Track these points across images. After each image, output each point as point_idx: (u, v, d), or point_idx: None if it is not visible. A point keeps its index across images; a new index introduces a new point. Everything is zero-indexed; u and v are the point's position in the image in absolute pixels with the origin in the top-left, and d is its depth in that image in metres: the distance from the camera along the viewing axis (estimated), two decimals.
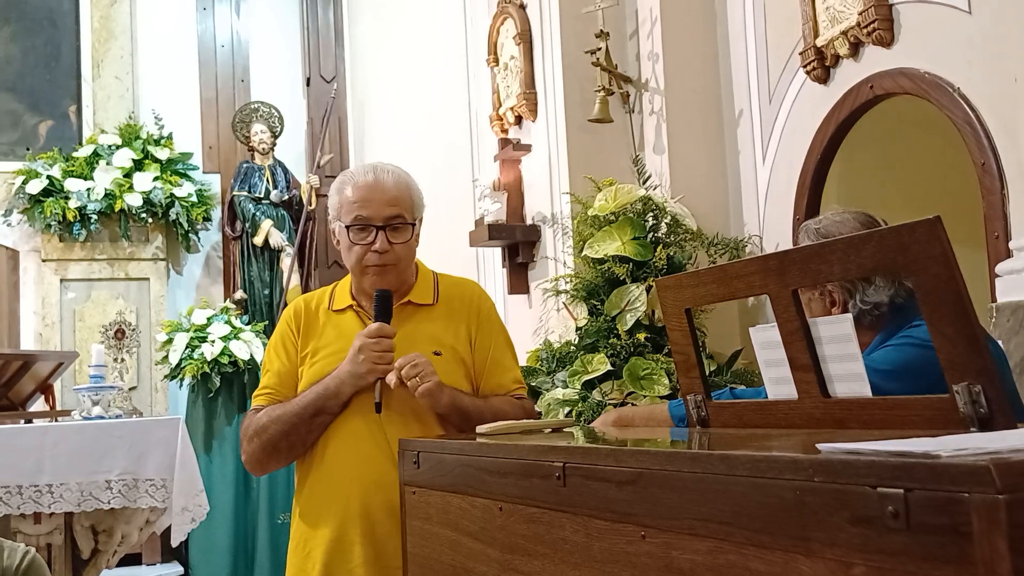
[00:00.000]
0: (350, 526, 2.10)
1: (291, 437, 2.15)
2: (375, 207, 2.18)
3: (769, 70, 3.69)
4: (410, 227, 2.21)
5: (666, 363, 3.37)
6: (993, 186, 2.75)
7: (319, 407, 2.13)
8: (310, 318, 2.27)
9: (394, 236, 2.18)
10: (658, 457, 1.21)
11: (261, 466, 2.24)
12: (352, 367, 2.11)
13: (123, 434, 3.68)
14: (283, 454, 2.20)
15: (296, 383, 2.22)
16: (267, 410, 2.19)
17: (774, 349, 1.55)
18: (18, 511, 3.48)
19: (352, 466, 2.12)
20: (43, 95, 6.93)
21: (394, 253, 2.18)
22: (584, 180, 3.88)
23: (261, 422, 2.17)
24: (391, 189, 2.21)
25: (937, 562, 0.83)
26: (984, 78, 2.77)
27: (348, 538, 2.10)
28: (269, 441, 2.16)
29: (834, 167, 3.47)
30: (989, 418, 1.20)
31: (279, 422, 2.15)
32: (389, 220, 2.18)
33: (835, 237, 1.97)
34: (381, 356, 2.09)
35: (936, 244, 1.21)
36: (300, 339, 2.25)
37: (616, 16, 4.06)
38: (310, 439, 2.17)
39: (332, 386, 2.12)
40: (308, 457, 2.20)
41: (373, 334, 2.11)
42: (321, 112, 6.96)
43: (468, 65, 5.11)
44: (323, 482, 2.16)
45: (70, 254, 6.64)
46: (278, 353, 2.27)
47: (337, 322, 2.24)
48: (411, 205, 2.23)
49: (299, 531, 2.19)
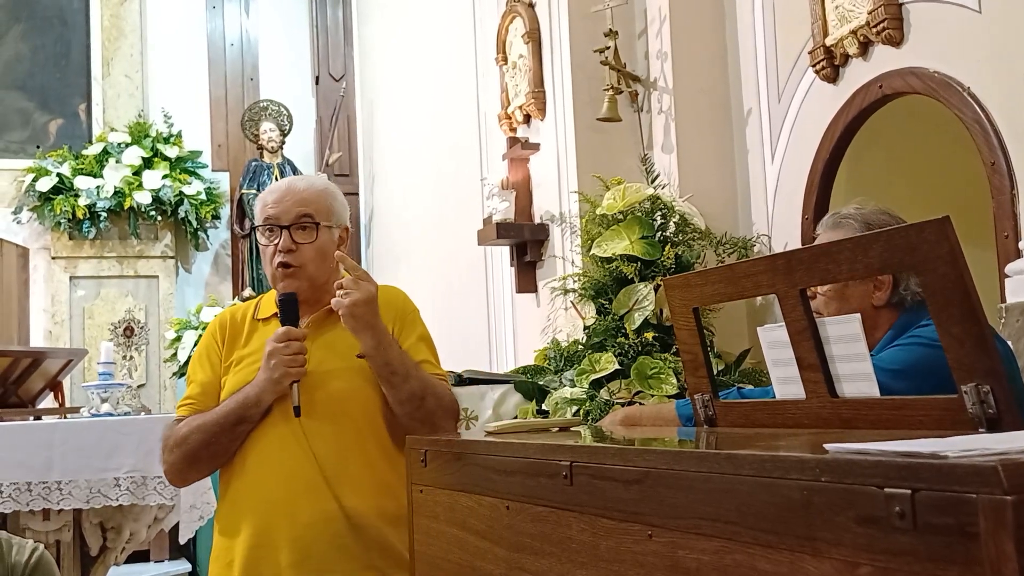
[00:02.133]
0: (276, 530, 2.07)
1: (212, 447, 2.13)
2: (282, 207, 2.19)
3: (778, 69, 3.68)
4: (316, 227, 2.19)
5: (674, 362, 3.36)
6: (1003, 186, 2.74)
7: (240, 415, 2.11)
8: (235, 329, 2.26)
9: (300, 236, 2.17)
10: (665, 456, 1.21)
11: (182, 476, 2.21)
12: (267, 373, 2.09)
13: (132, 431, 3.68)
14: (204, 464, 2.18)
15: (219, 394, 2.20)
16: (188, 420, 2.16)
17: (782, 349, 1.55)
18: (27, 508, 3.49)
19: (276, 471, 2.09)
20: (53, 93, 6.95)
21: (300, 253, 2.17)
22: (592, 179, 3.88)
23: (182, 432, 2.14)
24: (301, 192, 2.21)
25: (943, 563, 0.83)
26: (994, 77, 2.76)
27: (273, 542, 2.07)
28: (190, 451, 2.13)
29: (843, 167, 3.46)
30: (997, 419, 1.19)
31: (200, 431, 2.12)
32: (296, 219, 2.18)
33: (878, 227, 1.98)
34: (292, 359, 2.08)
35: (944, 244, 1.21)
36: (224, 349, 2.24)
37: (625, 15, 4.06)
38: (232, 447, 2.14)
39: (252, 394, 2.10)
40: (229, 466, 2.17)
41: (281, 338, 2.09)
42: (330, 110, 6.98)
43: (477, 64, 5.11)
44: (246, 488, 2.12)
45: (79, 252, 6.66)
46: (201, 364, 2.25)
47: (262, 331, 2.22)
48: (325, 209, 2.22)
49: (219, 541, 2.16)
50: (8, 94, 6.88)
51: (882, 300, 2.03)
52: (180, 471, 2.19)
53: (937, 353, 1.27)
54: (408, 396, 2.10)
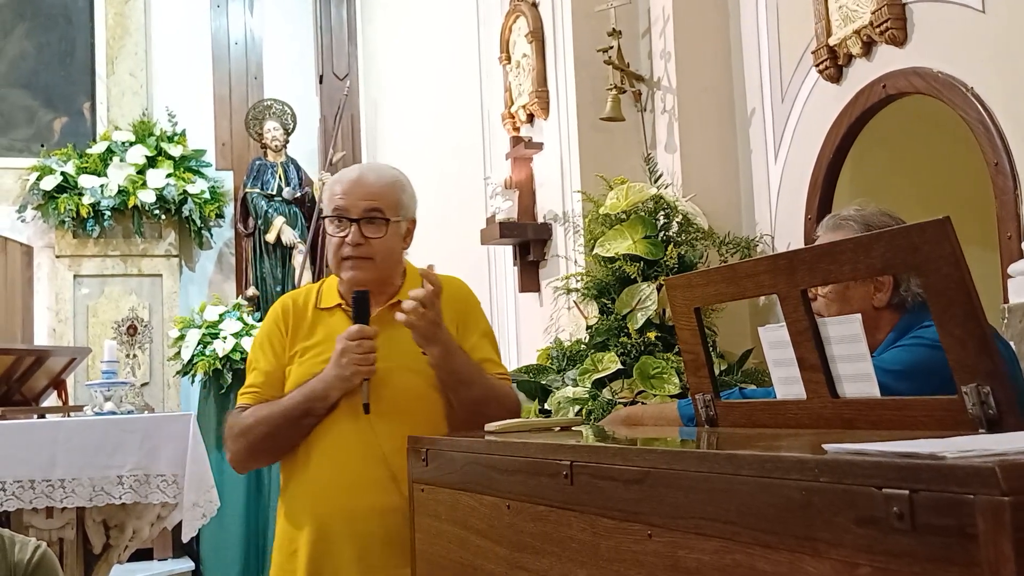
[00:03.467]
0: (339, 524, 2.09)
1: (277, 438, 2.15)
2: (352, 199, 2.19)
3: (782, 69, 3.68)
4: (386, 223, 2.19)
5: (676, 362, 3.36)
6: (1006, 186, 2.73)
7: (306, 409, 2.12)
8: (298, 316, 2.26)
9: (369, 230, 2.18)
10: (665, 456, 1.21)
11: (244, 465, 2.24)
12: (337, 370, 2.10)
13: (135, 430, 3.69)
14: (267, 454, 2.21)
15: (282, 382, 2.20)
16: (253, 410, 2.18)
17: (783, 349, 1.55)
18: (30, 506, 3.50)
19: (341, 467, 2.11)
20: (57, 92, 6.96)
21: (369, 247, 2.17)
22: (596, 178, 3.88)
23: (247, 422, 2.16)
24: (372, 185, 2.21)
25: (942, 563, 0.83)
26: (998, 78, 2.76)
27: (333, 537, 2.09)
28: (255, 441, 2.15)
29: (846, 166, 3.46)
30: (998, 420, 1.19)
31: (265, 423, 2.14)
32: (365, 213, 2.18)
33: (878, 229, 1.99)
34: (364, 357, 2.09)
35: (945, 244, 1.21)
36: (288, 337, 2.24)
37: (628, 14, 4.05)
38: (296, 440, 2.16)
39: (319, 388, 2.12)
40: (293, 457, 2.18)
41: (354, 336, 2.10)
42: (334, 109, 6.97)
43: (480, 63, 5.11)
44: (310, 482, 2.14)
45: (83, 250, 6.67)
46: (264, 351, 2.26)
47: (326, 321, 2.23)
48: (394, 203, 2.22)
49: (283, 530, 2.18)
50: (13, 92, 6.89)
51: (883, 301, 2.03)
52: (243, 460, 2.22)
53: (938, 354, 1.27)
54: (472, 402, 2.13)
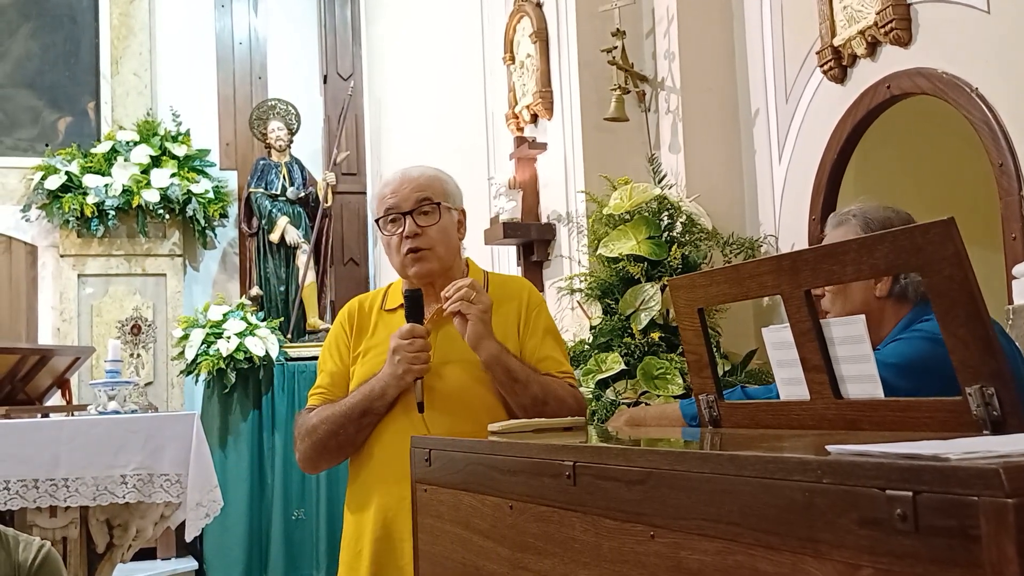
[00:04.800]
0: (397, 523, 2.11)
1: (340, 437, 2.18)
2: (401, 195, 2.23)
3: (786, 69, 3.68)
4: (438, 208, 2.22)
5: (680, 362, 3.36)
6: (1011, 187, 2.73)
7: (365, 408, 2.15)
8: (363, 318, 2.31)
9: (422, 220, 2.21)
10: (667, 457, 1.21)
11: (313, 464, 2.26)
12: (391, 369, 2.12)
13: (138, 429, 3.70)
14: (333, 453, 2.23)
15: (348, 383, 2.25)
16: (318, 410, 2.22)
17: (787, 349, 1.54)
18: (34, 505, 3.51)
19: (399, 465, 2.10)
20: (62, 91, 6.96)
21: (427, 236, 2.21)
22: (599, 179, 3.88)
23: (311, 422, 2.20)
24: (417, 178, 2.25)
25: (945, 565, 0.83)
26: (1002, 78, 2.75)
27: (396, 535, 2.12)
28: (319, 441, 2.19)
29: (851, 167, 3.45)
30: (1002, 421, 1.19)
31: (328, 422, 2.18)
32: (417, 204, 2.21)
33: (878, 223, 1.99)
34: (416, 356, 2.10)
35: (949, 245, 1.21)
36: (352, 339, 2.29)
37: (632, 15, 4.05)
38: (359, 438, 2.19)
39: (377, 387, 2.14)
40: (358, 454, 2.23)
41: (405, 335, 2.12)
42: (338, 109, 6.98)
43: (484, 63, 5.11)
44: (371, 480, 2.18)
45: (88, 250, 6.67)
46: (331, 353, 2.30)
47: (388, 321, 2.26)
48: (441, 191, 2.26)
49: (350, 527, 2.23)
50: (17, 92, 6.89)
51: (884, 291, 2.05)
52: (311, 459, 2.24)
53: (938, 348, 1.27)
54: (531, 401, 2.13)
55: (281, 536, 5.91)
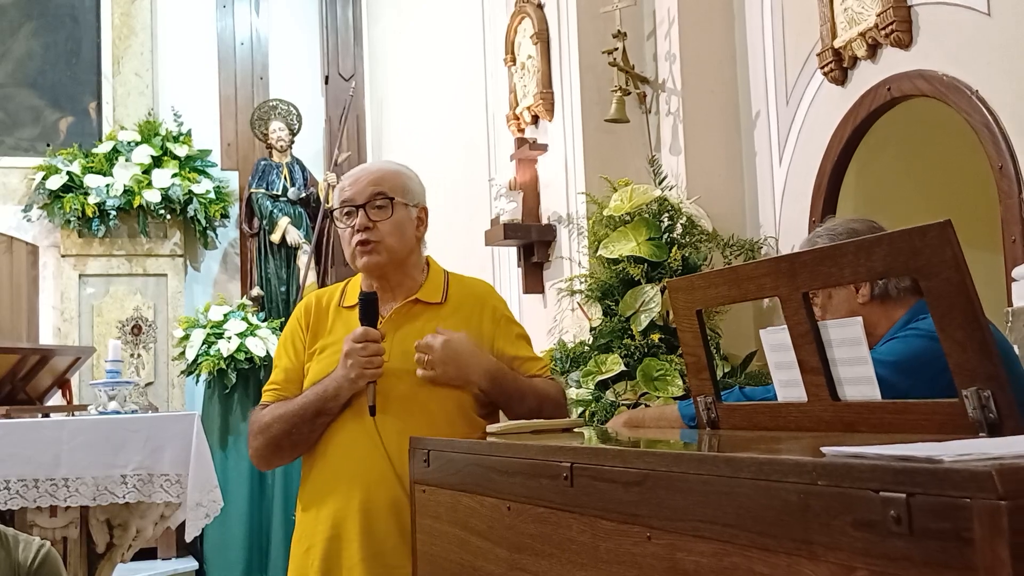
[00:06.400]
0: (348, 523, 2.11)
1: (293, 436, 2.18)
2: (357, 188, 2.23)
3: (786, 71, 3.68)
4: (391, 202, 2.22)
5: (680, 364, 3.36)
6: (1011, 190, 2.73)
7: (319, 408, 2.15)
8: (320, 315, 2.30)
9: (375, 213, 2.20)
10: (664, 459, 1.21)
11: (266, 461, 2.27)
12: (343, 371, 2.12)
13: (139, 429, 3.70)
14: (287, 451, 2.23)
15: (302, 380, 2.24)
16: (271, 408, 2.22)
17: (784, 351, 1.55)
18: (34, 504, 3.51)
19: (350, 465, 2.13)
20: (64, 91, 6.97)
21: (377, 230, 2.20)
22: (600, 180, 3.88)
23: (265, 420, 2.20)
24: (374, 172, 2.26)
25: (939, 567, 0.83)
26: (1003, 81, 2.75)
27: (346, 535, 2.11)
28: (272, 439, 2.19)
29: (851, 169, 3.45)
30: (998, 423, 1.19)
31: (281, 421, 2.17)
32: (370, 198, 2.21)
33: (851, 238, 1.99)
34: (369, 360, 2.10)
35: (947, 248, 1.21)
36: (308, 335, 2.28)
37: (633, 16, 4.05)
38: (312, 437, 2.19)
39: (330, 388, 2.14)
40: (311, 453, 2.22)
41: (359, 339, 2.11)
42: (339, 110, 6.98)
43: (485, 64, 5.11)
44: (322, 479, 2.18)
45: (89, 250, 6.68)
46: (286, 349, 2.30)
47: (346, 319, 2.25)
48: (399, 187, 2.25)
49: (301, 524, 2.23)
50: (19, 92, 6.90)
51: (866, 296, 2.06)
52: (264, 457, 2.25)
53: (933, 345, 1.27)
54: (527, 412, 2.14)
55: (281, 536, 5.91)
